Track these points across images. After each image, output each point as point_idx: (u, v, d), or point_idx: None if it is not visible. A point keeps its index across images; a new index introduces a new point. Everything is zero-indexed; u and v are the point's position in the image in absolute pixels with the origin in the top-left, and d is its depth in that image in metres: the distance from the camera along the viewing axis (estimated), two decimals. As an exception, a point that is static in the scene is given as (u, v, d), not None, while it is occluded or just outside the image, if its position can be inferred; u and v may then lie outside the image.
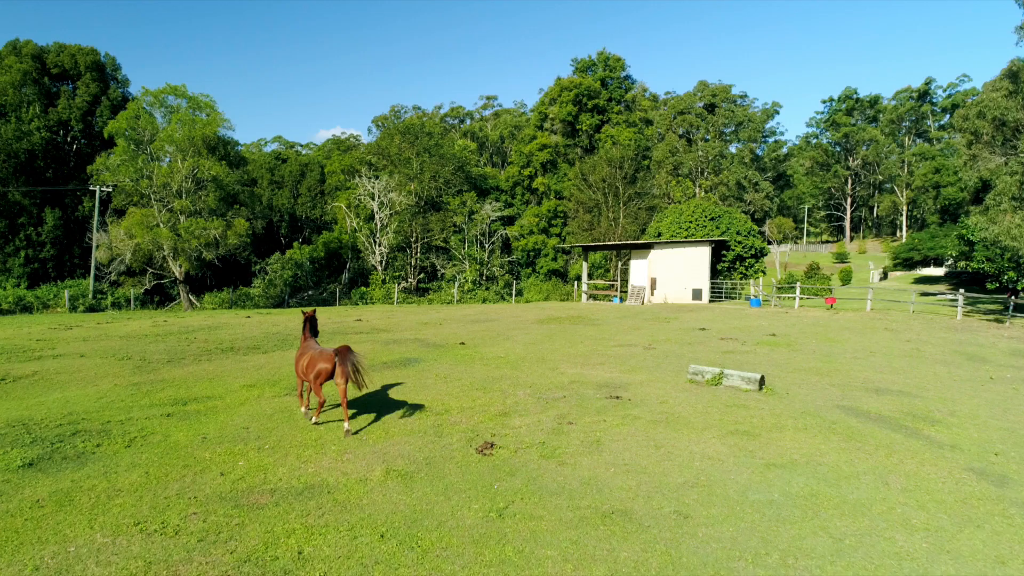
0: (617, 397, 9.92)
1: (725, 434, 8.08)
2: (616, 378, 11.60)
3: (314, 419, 8.43)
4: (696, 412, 9.13)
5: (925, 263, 69.78)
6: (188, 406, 9.35)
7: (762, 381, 10.69)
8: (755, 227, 44.45)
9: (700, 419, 8.75)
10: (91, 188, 45.58)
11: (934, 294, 38.86)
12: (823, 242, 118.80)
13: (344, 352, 8.17)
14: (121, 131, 39.31)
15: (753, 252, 41.03)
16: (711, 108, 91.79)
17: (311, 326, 9.31)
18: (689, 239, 38.82)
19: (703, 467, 6.86)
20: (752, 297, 35.26)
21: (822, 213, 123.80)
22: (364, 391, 8.96)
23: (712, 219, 41.88)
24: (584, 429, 8.16)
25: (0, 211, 49.04)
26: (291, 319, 26.14)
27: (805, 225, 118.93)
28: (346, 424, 8.06)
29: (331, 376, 8.17)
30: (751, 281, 39.04)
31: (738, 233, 40.99)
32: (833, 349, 16.09)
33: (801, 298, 34.14)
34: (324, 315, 29.56)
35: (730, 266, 41.30)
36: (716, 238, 38.97)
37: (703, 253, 36.37)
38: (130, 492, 5.90)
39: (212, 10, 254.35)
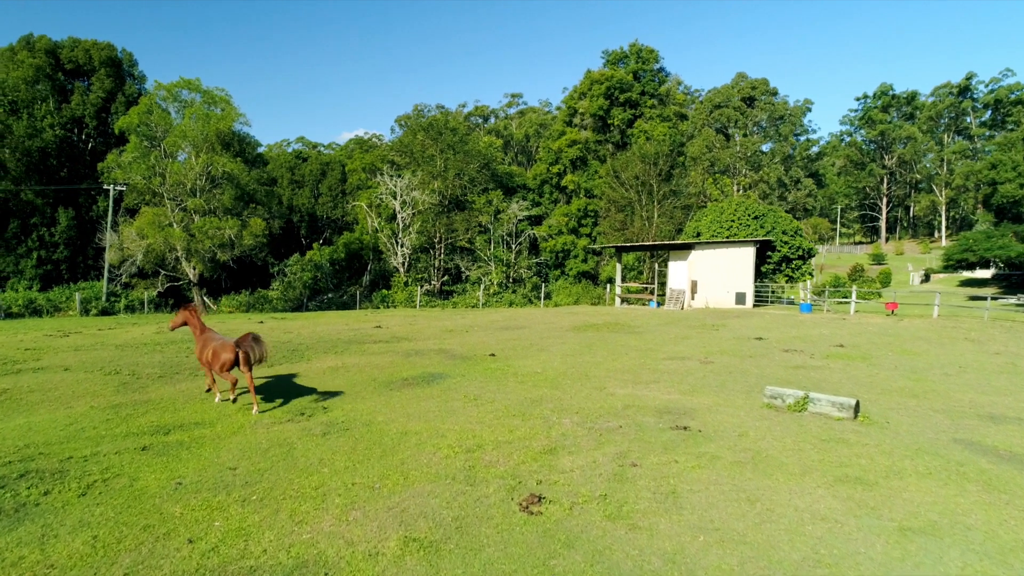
0: (685, 428, 8.36)
1: (832, 482, 6.50)
2: (677, 401, 10.03)
3: (231, 398, 9.94)
4: (787, 449, 7.55)
5: (971, 266, 66.96)
6: (170, 435, 7.99)
7: (857, 407, 9.06)
8: (801, 226, 42.47)
9: (795, 460, 7.17)
10: (105, 187, 44.98)
11: (996, 298, 36.55)
12: (856, 243, 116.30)
13: (246, 341, 9.50)
14: (133, 127, 38.49)
15: (800, 253, 39.06)
16: (750, 101, 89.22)
17: (198, 318, 10.67)
18: (731, 239, 36.97)
19: (819, 533, 5.30)
20: (802, 302, 33.33)
21: (855, 213, 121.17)
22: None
23: (755, 218, 40.01)
24: (652, 474, 6.63)
25: (13, 211, 48.72)
26: (305, 325, 24.90)
27: (838, 226, 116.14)
28: (255, 409, 9.33)
29: (236, 364, 9.50)
30: (800, 284, 37.10)
31: (784, 233, 39.07)
32: (916, 364, 14.33)
33: (856, 302, 32.11)
34: (342, 320, 28.35)
35: (775, 268, 39.36)
36: (761, 238, 37.07)
37: (747, 254, 34.49)
38: (64, 570, 4.52)
39: (237, 15, 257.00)
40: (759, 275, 37.92)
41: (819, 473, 6.75)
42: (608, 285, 47.63)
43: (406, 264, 52.61)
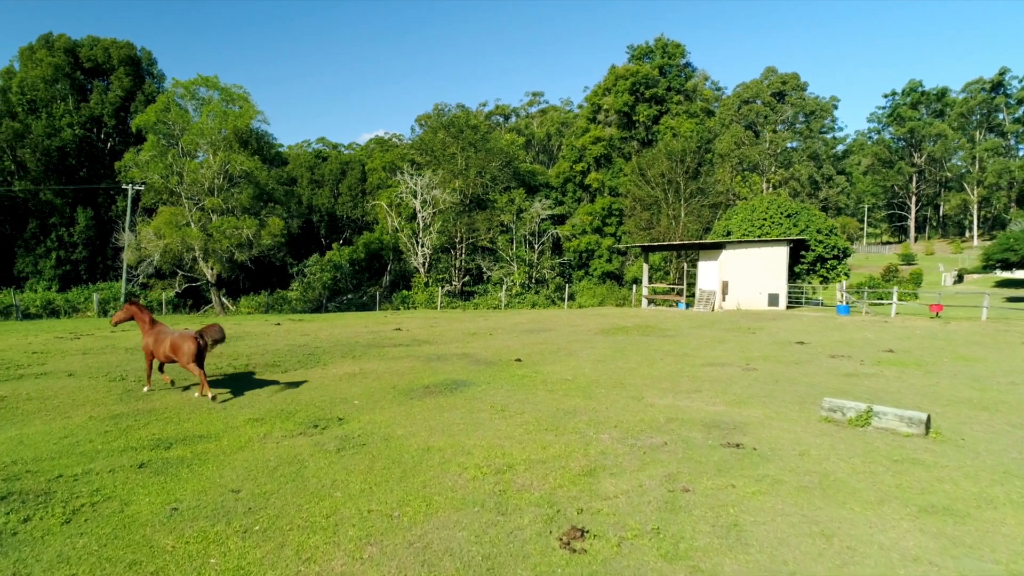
0: (737, 445, 7.58)
1: (916, 512, 5.70)
2: (724, 413, 9.24)
3: (199, 394, 10.45)
4: (856, 472, 6.74)
5: (1009, 266, 64.79)
6: (171, 451, 7.37)
7: (928, 422, 8.21)
8: (836, 225, 41.32)
9: (868, 484, 6.37)
10: (123, 187, 44.89)
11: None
12: (884, 243, 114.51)
13: (208, 331, 10.45)
14: (150, 125, 38.24)
15: (835, 253, 37.92)
16: (780, 97, 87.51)
17: (146, 312, 11.05)
18: (764, 238, 35.98)
19: (915, 579, 4.53)
20: (839, 303, 32.22)
21: (883, 213, 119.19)
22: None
23: (788, 216, 38.92)
24: (708, 501, 5.87)
25: (32, 211, 48.86)
26: (323, 327, 24.38)
27: (865, 225, 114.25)
28: (209, 394, 10.14)
29: (199, 354, 10.20)
30: (836, 285, 35.95)
31: (818, 231, 37.96)
32: (976, 371, 13.38)
33: (897, 304, 30.91)
34: (362, 322, 27.83)
35: (810, 268, 38.24)
36: (795, 237, 35.98)
37: (780, 254, 33.49)
38: (31, 620, 3.90)
39: (258, 17, 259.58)
40: (792, 276, 36.85)
41: (899, 501, 5.95)
42: (634, 286, 46.70)
43: (427, 264, 52.08)
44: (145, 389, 10.92)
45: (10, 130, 47.44)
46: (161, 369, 11.38)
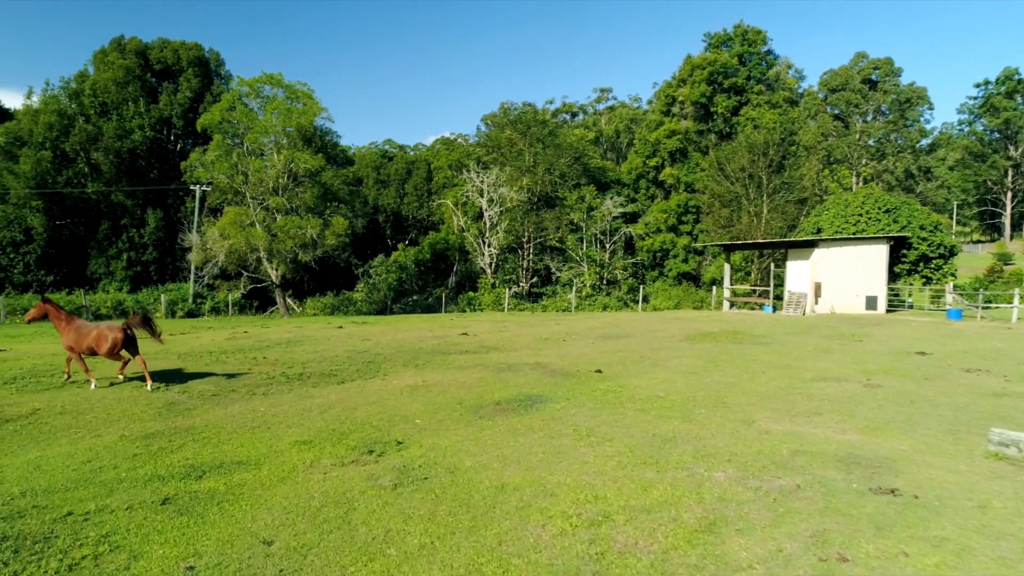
0: (892, 491, 6.05)
1: None
2: (861, 445, 7.68)
3: (120, 375, 11.74)
4: (1067, 535, 5.17)
5: None
6: (202, 481, 6.40)
7: None
8: (941, 220, 38.30)
9: (1092, 556, 4.81)
10: (191, 187, 45.63)
11: None
12: (974, 241, 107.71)
13: (134, 321, 11.27)
14: (215, 124, 38.53)
15: (941, 251, 34.97)
16: (871, 84, 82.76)
17: (60, 309, 11.49)
18: (860, 235, 33.46)
19: None
20: (949, 307, 29.54)
21: (973, 210, 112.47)
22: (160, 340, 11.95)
23: (887, 211, 36.20)
24: (877, 577, 4.44)
25: (104, 212, 50.31)
26: (386, 331, 23.58)
27: (954, 223, 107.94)
28: (148, 386, 10.97)
29: (126, 345, 11.10)
30: (945, 286, 33.13)
31: (921, 228, 35.13)
32: None
33: (1018, 307, 27.99)
34: (427, 325, 26.99)
35: (911, 268, 35.43)
36: (895, 234, 33.30)
37: (879, 252, 31.08)
38: None
39: (334, 25, 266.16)
40: (891, 276, 34.16)
41: None
42: (713, 287, 44.55)
43: (493, 265, 51.15)
44: (65, 377, 11.91)
45: (83, 132, 48.99)
46: (90, 355, 11.66)
